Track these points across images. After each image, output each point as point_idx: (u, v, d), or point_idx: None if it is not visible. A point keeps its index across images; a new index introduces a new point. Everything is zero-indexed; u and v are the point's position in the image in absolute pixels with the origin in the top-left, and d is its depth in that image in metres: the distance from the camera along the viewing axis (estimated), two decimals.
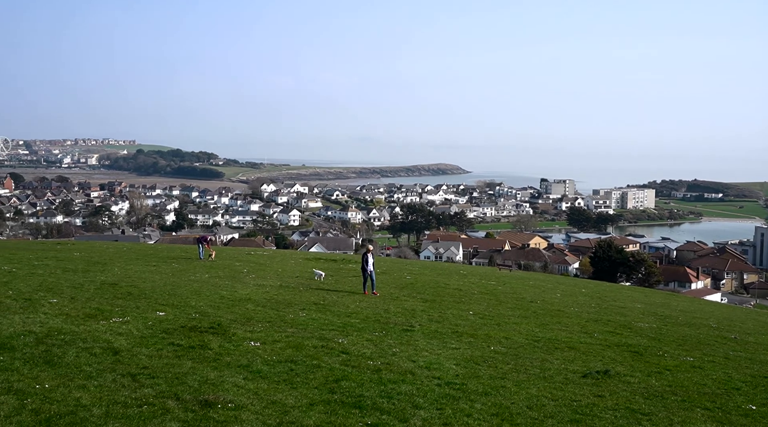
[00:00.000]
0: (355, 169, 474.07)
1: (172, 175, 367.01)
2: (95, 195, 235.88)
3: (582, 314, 26.27)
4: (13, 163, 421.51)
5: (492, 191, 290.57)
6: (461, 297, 28.07)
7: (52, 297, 19.54)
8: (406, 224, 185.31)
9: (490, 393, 12.54)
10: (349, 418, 10.46)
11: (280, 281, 28.68)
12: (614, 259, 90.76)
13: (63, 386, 10.92)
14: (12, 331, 14.41)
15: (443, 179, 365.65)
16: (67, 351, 13.07)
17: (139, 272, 28.57)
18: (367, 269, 26.01)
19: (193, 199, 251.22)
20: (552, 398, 12.54)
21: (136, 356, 13.15)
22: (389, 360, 14.59)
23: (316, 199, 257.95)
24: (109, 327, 15.64)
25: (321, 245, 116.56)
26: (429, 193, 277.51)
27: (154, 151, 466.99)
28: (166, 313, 18.22)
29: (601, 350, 18.18)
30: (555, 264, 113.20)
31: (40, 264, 29.07)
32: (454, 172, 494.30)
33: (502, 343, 17.98)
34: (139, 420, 9.67)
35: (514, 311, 25.37)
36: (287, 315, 19.58)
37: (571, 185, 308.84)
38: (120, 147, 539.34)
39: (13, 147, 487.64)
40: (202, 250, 38.48)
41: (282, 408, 10.67)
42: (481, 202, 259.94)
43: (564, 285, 42.21)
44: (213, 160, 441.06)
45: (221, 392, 11.23)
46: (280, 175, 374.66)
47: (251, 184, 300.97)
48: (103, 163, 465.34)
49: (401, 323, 19.90)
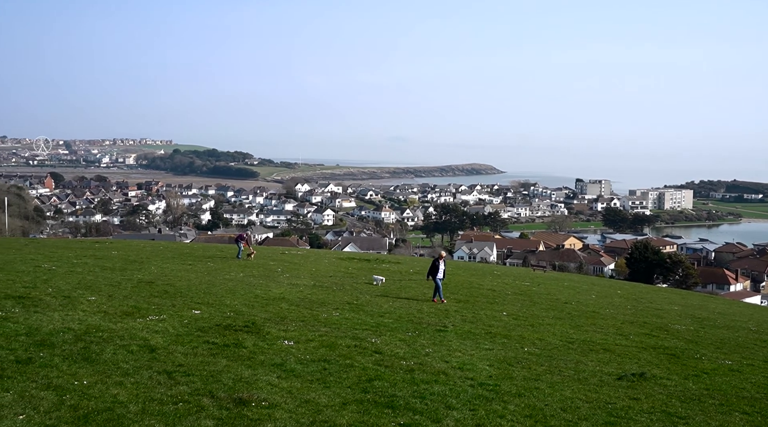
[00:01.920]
0: (389, 169, 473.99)
1: (208, 175, 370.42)
2: (133, 194, 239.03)
3: (617, 316, 26.02)
4: (54, 163, 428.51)
5: (526, 191, 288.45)
6: (495, 298, 27.97)
7: (91, 295, 19.85)
8: (440, 224, 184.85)
9: (523, 394, 12.48)
10: (381, 418, 10.48)
11: (314, 280, 28.81)
12: (651, 260, 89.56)
13: (101, 382, 11.09)
14: (52, 328, 14.67)
15: (477, 179, 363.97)
16: (104, 348, 13.27)
17: (175, 270, 28.90)
18: (437, 275, 24.74)
19: (228, 198, 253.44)
20: (586, 400, 12.43)
21: (172, 354, 13.31)
22: (422, 360, 14.58)
23: (349, 199, 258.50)
24: (146, 325, 15.85)
25: (354, 245, 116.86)
26: (463, 194, 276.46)
27: (190, 151, 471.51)
28: (201, 311, 18.41)
29: (636, 353, 17.99)
30: (590, 265, 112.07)
31: (79, 262, 29.53)
32: (488, 172, 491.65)
33: (536, 344, 17.88)
34: (175, 417, 9.79)
35: (549, 312, 25.21)
36: (321, 314, 19.67)
37: (607, 186, 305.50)
38: (157, 147, 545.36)
39: (54, 147, 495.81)
40: (242, 249, 38.33)
41: (315, 407, 10.73)
42: (515, 203, 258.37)
43: (599, 286, 41.82)
44: (248, 160, 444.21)
45: (255, 390, 11.32)
46: (314, 175, 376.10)
47: (286, 183, 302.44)
48: (140, 162, 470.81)
49: (434, 323, 19.88)
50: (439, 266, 24.79)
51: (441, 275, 24.84)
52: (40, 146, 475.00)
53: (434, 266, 24.90)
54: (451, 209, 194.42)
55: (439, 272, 24.77)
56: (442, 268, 24.94)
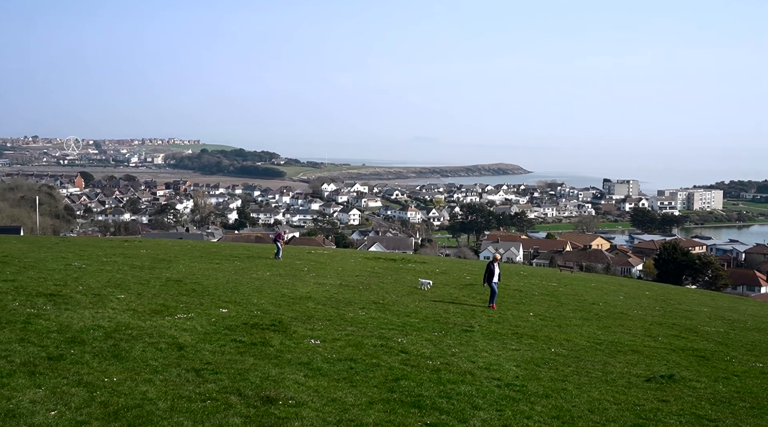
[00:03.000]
0: (415, 169, 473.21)
1: (235, 175, 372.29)
2: (161, 194, 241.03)
3: (646, 317, 25.79)
4: (84, 163, 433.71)
5: (553, 192, 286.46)
6: (521, 298, 27.85)
7: (120, 293, 20.07)
8: (466, 224, 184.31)
9: (550, 395, 12.42)
10: (408, 417, 10.48)
11: (340, 279, 28.87)
12: (680, 261, 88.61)
13: (130, 379, 11.22)
14: (82, 325, 14.87)
15: (504, 179, 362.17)
16: (134, 346, 13.42)
17: (203, 269, 29.11)
18: (493, 280, 23.93)
19: (255, 198, 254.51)
20: (614, 402, 12.35)
21: (200, 352, 13.43)
22: (448, 360, 14.57)
23: (375, 199, 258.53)
24: (174, 323, 16.00)
25: (380, 245, 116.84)
26: (489, 193, 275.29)
27: (217, 150, 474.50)
28: (228, 310, 18.54)
29: (665, 354, 17.83)
30: (618, 266, 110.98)
31: (108, 261, 29.86)
32: (514, 172, 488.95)
33: (563, 345, 17.79)
34: (203, 415, 9.87)
35: (576, 313, 25.06)
36: (347, 314, 19.72)
37: (635, 186, 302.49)
38: (185, 147, 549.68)
39: (84, 147, 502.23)
40: (280, 248, 37.99)
41: (342, 406, 10.76)
42: (542, 203, 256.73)
43: (627, 287, 41.46)
44: (275, 159, 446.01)
45: (282, 388, 11.38)
46: (340, 175, 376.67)
47: (312, 183, 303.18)
48: (168, 162, 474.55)
49: (461, 323, 19.85)
50: (494, 269, 23.99)
51: (496, 279, 24.08)
52: (71, 146, 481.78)
53: (489, 270, 24.08)
54: (478, 209, 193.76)
55: (495, 275, 23.96)
56: (497, 271, 24.16)
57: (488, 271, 24.09)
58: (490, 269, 23.99)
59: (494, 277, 23.93)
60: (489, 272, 24.03)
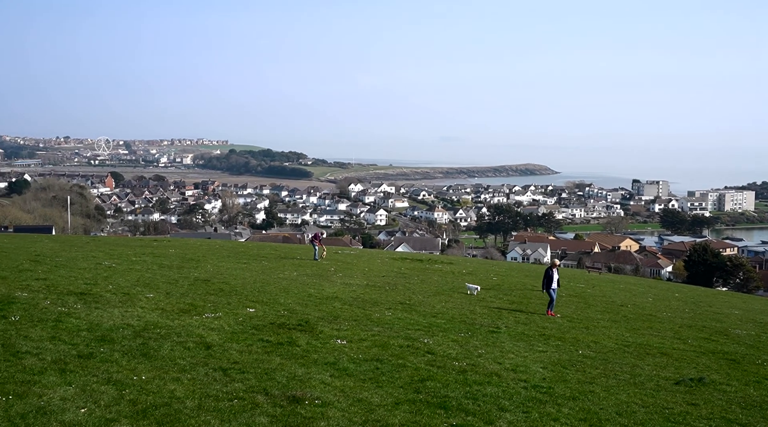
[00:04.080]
0: (442, 170, 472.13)
1: (263, 175, 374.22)
2: (189, 194, 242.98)
3: (675, 320, 25.52)
4: (114, 163, 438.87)
5: (581, 192, 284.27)
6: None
7: (149, 292, 20.27)
8: (493, 225, 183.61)
9: (577, 398, 12.33)
10: (434, 418, 10.46)
11: (367, 280, 28.91)
12: (710, 263, 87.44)
13: (158, 378, 11.32)
14: (112, 324, 15.04)
15: (531, 180, 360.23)
16: (162, 345, 13.54)
17: (231, 269, 29.31)
18: (552, 286, 23.30)
19: (282, 198, 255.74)
20: (643, 405, 12.23)
21: (227, 351, 13.51)
22: (475, 361, 14.52)
23: (402, 199, 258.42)
24: (202, 322, 16.12)
25: (407, 245, 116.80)
26: (516, 194, 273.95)
27: (245, 151, 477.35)
28: (255, 309, 18.64)
29: (695, 357, 17.62)
30: (647, 267, 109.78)
31: (137, 260, 30.17)
32: (542, 172, 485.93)
33: (591, 347, 17.65)
34: (230, 414, 9.93)
35: (604, 314, 24.87)
36: (373, 314, 19.74)
37: (665, 186, 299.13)
38: (213, 147, 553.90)
39: (114, 147, 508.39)
40: (317, 249, 37.70)
41: (368, 406, 10.77)
42: (569, 204, 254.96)
43: (656, 289, 41.04)
44: (302, 160, 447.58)
45: (308, 388, 11.42)
46: (367, 175, 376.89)
47: (339, 183, 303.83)
48: (197, 162, 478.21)
49: (487, 324, 19.78)
50: (553, 275, 23.35)
51: (555, 285, 23.46)
52: (101, 146, 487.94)
53: (548, 276, 23.44)
54: (505, 210, 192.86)
55: (554, 281, 23.36)
56: (556, 277, 23.54)
57: (547, 277, 23.49)
58: (549, 275, 23.37)
59: (553, 283, 23.35)
60: (547, 278, 23.42)
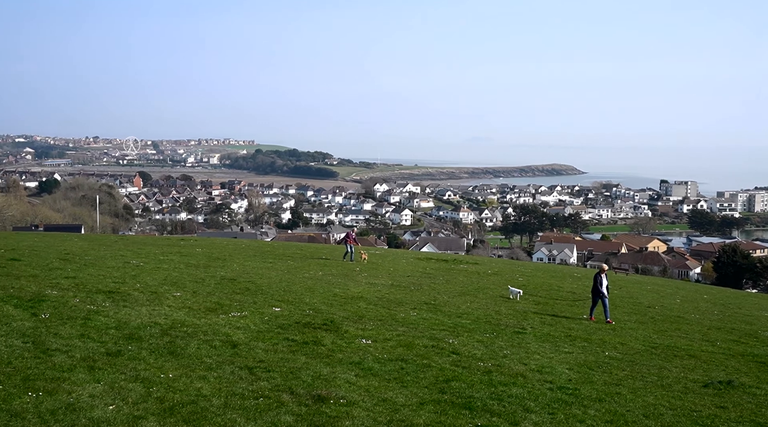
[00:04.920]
0: (468, 170, 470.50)
1: (289, 175, 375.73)
2: (216, 193, 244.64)
3: (703, 322, 25.23)
4: (142, 163, 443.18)
5: (608, 193, 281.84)
6: (575, 300, 27.51)
7: (176, 291, 20.43)
8: (519, 225, 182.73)
9: (604, 399, 12.24)
10: (459, 418, 10.45)
11: (392, 280, 28.91)
12: (740, 264, 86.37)
13: (185, 376, 11.43)
14: (139, 322, 15.20)
15: (557, 180, 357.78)
16: (189, 343, 13.66)
17: (257, 268, 29.46)
18: (601, 290, 22.36)
19: (308, 198, 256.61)
20: (670, 407, 12.11)
21: (253, 350, 13.60)
22: (500, 362, 14.48)
23: (427, 199, 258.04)
24: (228, 321, 16.23)
25: (432, 245, 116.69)
26: (542, 194, 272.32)
27: (271, 151, 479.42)
28: (281, 309, 18.73)
29: (724, 360, 17.41)
30: (675, 269, 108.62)
31: (165, 259, 30.41)
32: (568, 172, 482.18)
33: (618, 348, 17.52)
34: (256, 412, 10.00)
35: (631, 316, 24.66)
36: (398, 314, 19.74)
37: (693, 187, 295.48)
38: (240, 147, 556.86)
39: (142, 147, 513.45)
40: (352, 250, 36.79)
41: (392, 406, 10.78)
42: (596, 204, 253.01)
43: (684, 291, 40.59)
44: (328, 160, 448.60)
45: (333, 387, 11.46)
46: (392, 175, 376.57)
47: (364, 183, 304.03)
48: (223, 162, 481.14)
49: (513, 325, 19.70)
50: (602, 280, 22.49)
51: (604, 290, 22.48)
52: (130, 146, 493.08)
53: (597, 281, 22.55)
54: (531, 210, 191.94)
55: (603, 287, 22.45)
56: (605, 283, 22.65)
57: (595, 282, 22.63)
58: (599, 281, 22.51)
59: (602, 288, 22.47)
60: (597, 282, 22.57)
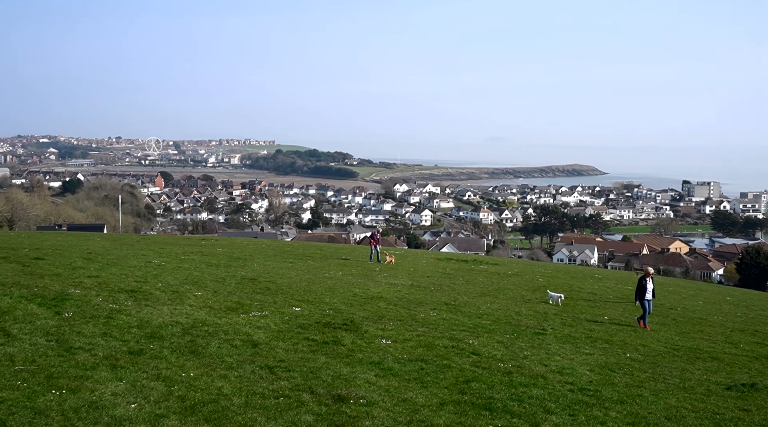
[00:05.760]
0: (488, 170, 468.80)
1: (309, 175, 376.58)
2: (237, 193, 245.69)
3: (726, 323, 24.98)
4: (164, 163, 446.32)
5: (630, 193, 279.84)
6: (596, 301, 27.35)
7: (197, 290, 20.55)
8: (539, 226, 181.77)
9: (625, 401, 12.17)
10: (479, 419, 10.43)
11: (412, 280, 28.89)
12: (763, 266, 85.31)
13: (206, 375, 11.50)
14: (161, 321, 15.31)
15: (578, 180, 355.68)
16: (210, 342, 13.74)
17: (277, 268, 29.55)
18: (646, 296, 21.82)
19: (328, 198, 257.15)
20: (692, 410, 12.01)
21: (274, 350, 13.65)
22: (520, 363, 14.43)
23: (447, 200, 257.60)
24: (249, 320, 16.30)
25: (452, 245, 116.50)
26: (563, 195, 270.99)
27: (292, 151, 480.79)
28: (301, 308, 18.78)
29: (747, 362, 17.24)
30: (697, 270, 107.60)
31: (186, 258, 30.59)
32: (589, 173, 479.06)
33: (639, 350, 17.40)
34: (276, 411, 10.04)
35: (652, 317, 24.45)
36: (418, 314, 19.73)
37: (716, 188, 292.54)
38: (260, 147, 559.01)
39: (164, 147, 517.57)
40: (377, 250, 36.44)
41: (412, 406, 10.78)
42: (617, 205, 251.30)
43: (707, 292, 40.20)
44: (348, 160, 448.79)
45: (353, 387, 11.48)
46: (412, 176, 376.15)
47: (384, 184, 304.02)
48: (244, 162, 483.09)
49: (533, 326, 19.63)
50: (647, 285, 21.90)
51: (650, 296, 21.93)
52: (152, 146, 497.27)
53: (641, 286, 21.99)
54: (551, 211, 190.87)
55: (648, 292, 21.89)
56: (651, 287, 22.03)
57: (640, 287, 22.05)
58: (643, 285, 21.94)
59: (647, 293, 21.93)
60: (641, 287, 21.99)
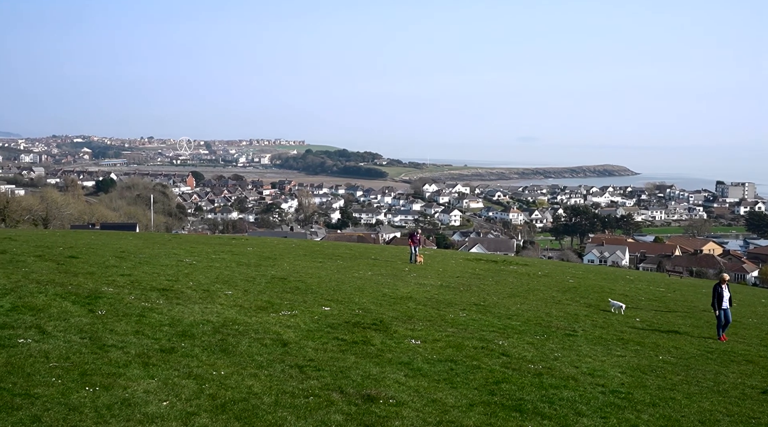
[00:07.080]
0: (518, 170, 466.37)
1: (338, 175, 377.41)
2: (267, 193, 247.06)
3: (762, 326, 24.59)
4: (195, 163, 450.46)
5: (662, 194, 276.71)
6: (627, 303, 27.03)
7: (228, 289, 20.66)
8: (570, 226, 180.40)
9: (658, 404, 12.02)
10: (509, 421, 10.37)
11: (441, 280, 28.82)
12: None
13: (237, 373, 11.56)
14: (192, 320, 15.42)
15: (609, 181, 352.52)
16: (240, 341, 13.82)
17: (307, 267, 29.64)
18: (723, 305, 20.56)
19: (357, 198, 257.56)
20: (727, 414, 11.83)
21: (303, 349, 13.69)
22: (551, 365, 14.32)
23: (477, 200, 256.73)
24: (279, 320, 16.37)
25: (481, 246, 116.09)
26: (594, 195, 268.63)
27: (321, 151, 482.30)
28: (331, 308, 18.82)
29: None
30: (731, 272, 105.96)
31: (217, 258, 30.78)
32: (621, 173, 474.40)
33: (672, 352, 17.19)
34: (306, 410, 10.06)
35: (685, 319, 24.17)
36: (447, 315, 19.67)
37: (751, 188, 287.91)
38: (290, 147, 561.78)
39: (195, 147, 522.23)
40: (415, 251, 35.92)
41: (442, 407, 10.75)
42: (649, 205, 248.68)
43: (741, 294, 39.56)
44: (377, 160, 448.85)
45: (383, 387, 11.47)
46: (441, 176, 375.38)
47: (413, 184, 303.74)
48: (274, 162, 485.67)
49: (563, 327, 19.48)
50: (723, 292, 20.63)
51: (727, 304, 20.62)
52: (183, 146, 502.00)
53: (718, 294, 20.68)
54: (582, 211, 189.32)
55: (724, 300, 20.60)
56: (727, 295, 20.73)
57: (716, 295, 20.75)
58: (719, 293, 20.69)
59: (724, 302, 20.67)
60: (717, 296, 20.70)
